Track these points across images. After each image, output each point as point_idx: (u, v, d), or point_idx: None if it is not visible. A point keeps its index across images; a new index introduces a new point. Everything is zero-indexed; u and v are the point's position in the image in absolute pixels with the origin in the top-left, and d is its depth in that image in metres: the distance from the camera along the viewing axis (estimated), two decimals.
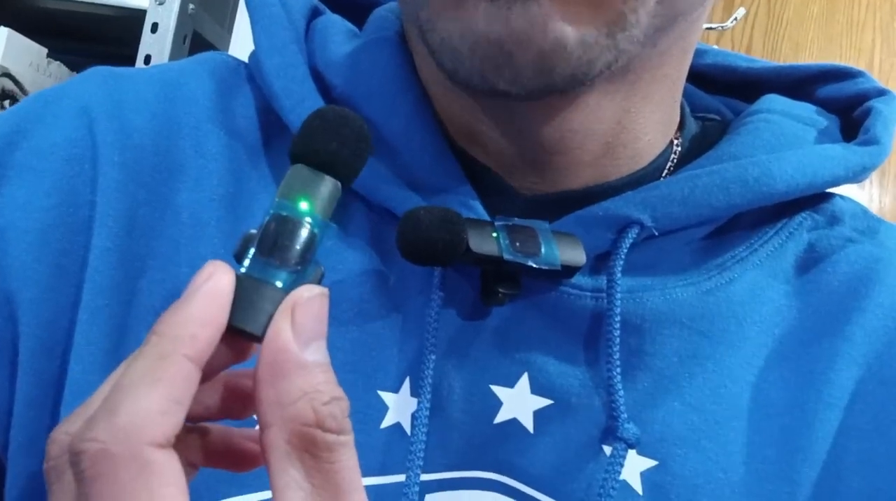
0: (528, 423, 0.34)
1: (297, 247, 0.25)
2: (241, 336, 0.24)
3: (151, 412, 0.21)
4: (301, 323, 0.23)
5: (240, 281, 0.24)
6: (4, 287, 0.34)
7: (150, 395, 0.22)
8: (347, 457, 0.23)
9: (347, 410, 0.23)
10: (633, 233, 0.35)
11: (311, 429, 0.22)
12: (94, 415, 0.22)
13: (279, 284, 0.24)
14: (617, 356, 0.34)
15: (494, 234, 0.33)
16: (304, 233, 0.25)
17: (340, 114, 0.27)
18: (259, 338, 0.24)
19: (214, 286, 0.23)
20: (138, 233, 0.36)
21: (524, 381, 0.34)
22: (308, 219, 0.25)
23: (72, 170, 0.36)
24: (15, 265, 0.35)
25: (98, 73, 0.40)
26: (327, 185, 0.26)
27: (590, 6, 0.30)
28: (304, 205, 0.25)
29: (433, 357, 0.33)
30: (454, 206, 0.35)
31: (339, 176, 0.26)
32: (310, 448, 0.22)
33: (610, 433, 0.34)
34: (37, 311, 0.34)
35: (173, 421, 0.22)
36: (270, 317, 0.24)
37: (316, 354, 0.23)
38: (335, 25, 0.41)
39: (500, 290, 0.33)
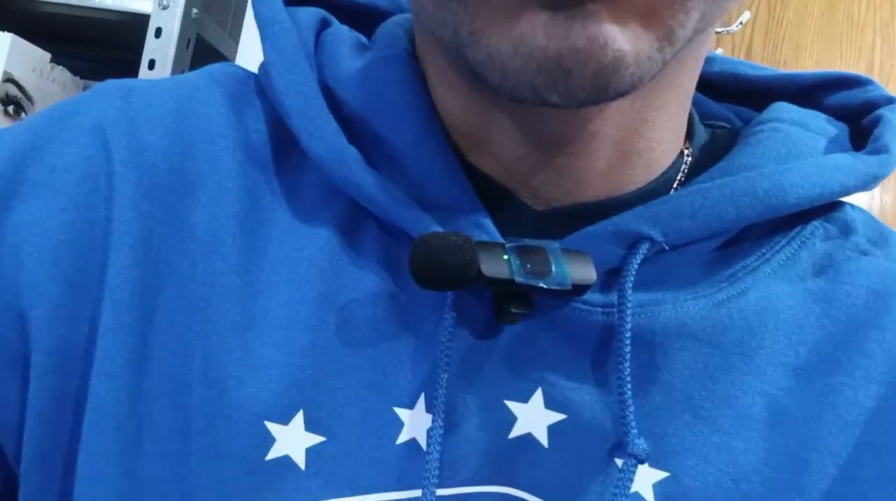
0: (543, 438, 0.34)
1: None
2: None
3: None
4: None
5: None
6: (18, 303, 0.35)
7: None
8: None
9: None
10: (643, 249, 0.35)
11: None
12: None
13: None
14: (628, 372, 0.34)
15: (505, 257, 0.33)
16: None
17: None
18: None
19: None
20: (155, 251, 0.36)
21: (538, 396, 0.35)
22: None
23: (87, 188, 0.36)
24: (29, 281, 0.35)
25: (110, 89, 0.41)
26: None
27: (644, 22, 0.30)
28: None
29: (446, 375, 0.34)
30: (465, 225, 0.35)
31: None
32: None
33: (621, 448, 0.34)
34: (50, 328, 0.35)
35: None
36: None
37: None
38: (344, 39, 0.41)
39: (513, 310, 0.34)
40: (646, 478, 0.34)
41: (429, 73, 0.39)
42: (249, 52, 1.23)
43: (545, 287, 0.33)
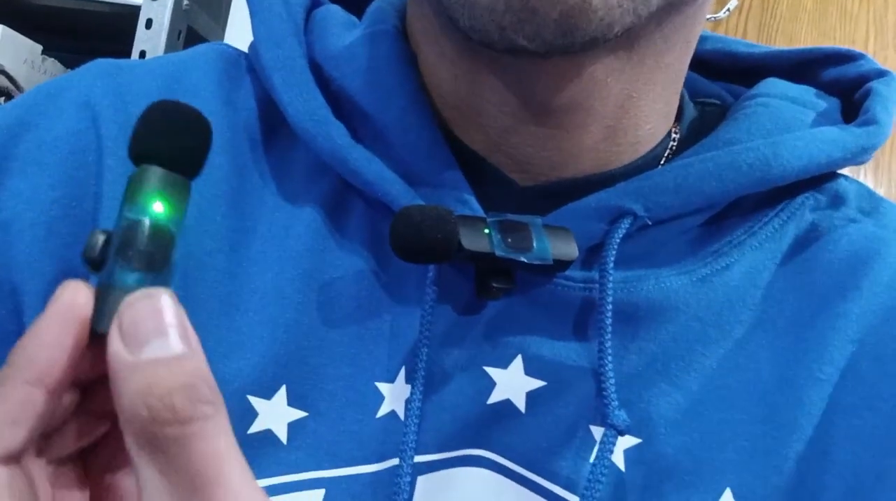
0: (521, 404, 0.34)
1: (164, 253, 0.25)
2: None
3: None
4: (127, 326, 0.23)
5: (103, 288, 0.24)
6: (10, 279, 0.35)
7: None
8: (203, 446, 0.22)
9: (201, 396, 0.22)
10: (625, 224, 0.35)
11: (149, 427, 0.22)
12: None
13: (139, 286, 0.24)
14: (608, 345, 0.34)
15: (487, 231, 0.33)
16: (169, 237, 0.25)
17: (180, 108, 0.27)
18: None
19: (57, 308, 0.24)
20: None
21: (518, 363, 0.35)
22: (167, 221, 0.25)
23: (76, 163, 0.36)
24: (20, 258, 0.35)
25: (99, 66, 0.40)
26: (183, 186, 0.26)
27: None
28: (160, 208, 0.25)
29: (426, 349, 0.34)
30: (449, 200, 0.35)
31: (189, 173, 0.26)
32: (156, 446, 0.22)
33: (600, 419, 0.34)
34: (43, 304, 0.34)
35: (7, 440, 0.23)
36: None
37: (157, 351, 0.22)
38: (334, 16, 0.41)
39: (494, 285, 0.34)
40: (618, 444, 0.34)
41: (419, 44, 0.39)
42: (239, 43, 1.23)
43: (526, 261, 0.33)
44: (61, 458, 0.26)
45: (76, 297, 0.24)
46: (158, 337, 0.23)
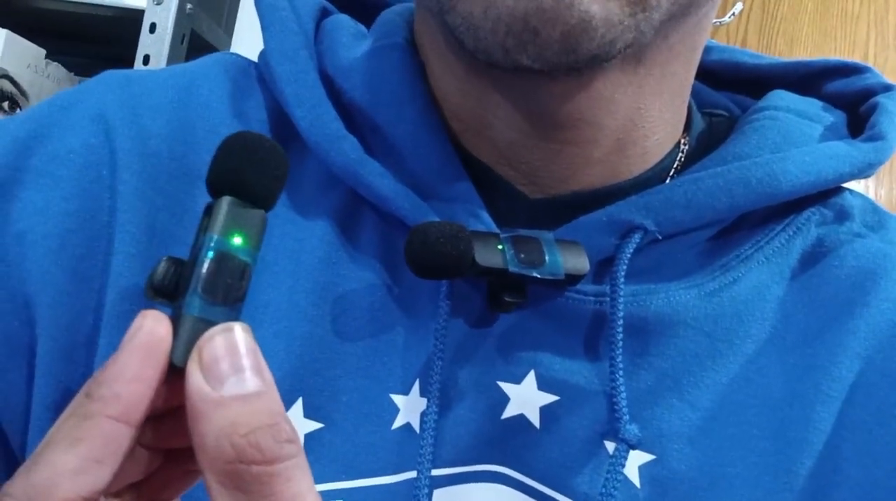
0: (535, 419, 0.35)
1: (241, 285, 0.25)
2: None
3: (66, 471, 0.22)
4: (208, 362, 0.23)
5: (177, 319, 0.24)
6: (23, 291, 0.35)
7: (66, 454, 0.22)
8: (287, 486, 0.22)
9: (284, 435, 0.22)
10: (636, 239, 0.35)
11: (234, 465, 0.21)
12: (17, 471, 0.22)
13: (217, 319, 0.24)
14: (619, 359, 0.34)
15: (500, 247, 0.33)
16: (246, 270, 0.25)
17: (260, 140, 0.26)
18: None
19: (141, 341, 0.23)
20: (158, 240, 0.36)
21: (531, 378, 0.35)
22: (247, 255, 0.25)
23: (90, 176, 0.37)
24: (33, 270, 0.35)
25: (112, 78, 0.41)
26: (260, 219, 0.26)
27: None
28: (240, 241, 0.25)
29: (441, 362, 0.34)
30: (461, 215, 0.36)
31: (266, 205, 0.26)
32: (239, 485, 0.22)
33: (612, 433, 0.35)
34: (55, 315, 0.35)
35: (90, 480, 0.22)
36: None
37: (235, 388, 0.22)
38: (344, 27, 0.41)
39: (507, 299, 0.34)
40: (632, 460, 0.34)
41: (428, 58, 0.39)
42: (244, 47, 1.23)
43: (538, 276, 0.33)
44: (114, 492, 0.25)
45: (157, 329, 0.23)
46: (235, 373, 0.23)
